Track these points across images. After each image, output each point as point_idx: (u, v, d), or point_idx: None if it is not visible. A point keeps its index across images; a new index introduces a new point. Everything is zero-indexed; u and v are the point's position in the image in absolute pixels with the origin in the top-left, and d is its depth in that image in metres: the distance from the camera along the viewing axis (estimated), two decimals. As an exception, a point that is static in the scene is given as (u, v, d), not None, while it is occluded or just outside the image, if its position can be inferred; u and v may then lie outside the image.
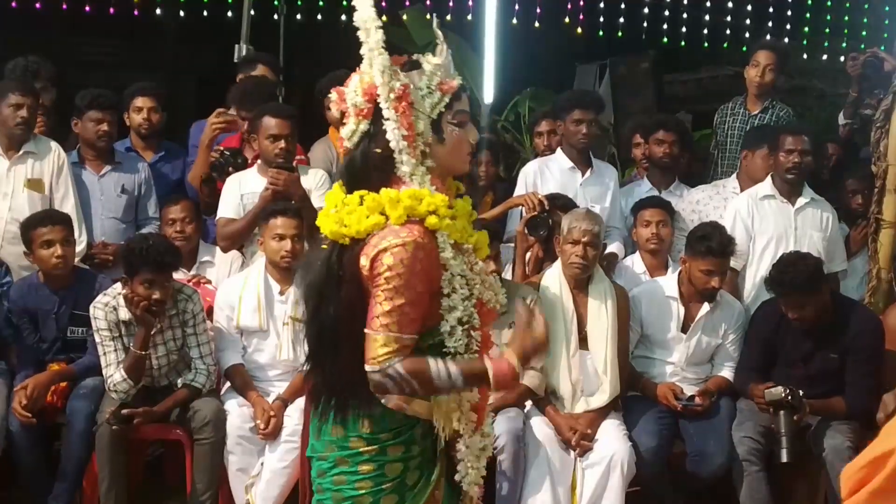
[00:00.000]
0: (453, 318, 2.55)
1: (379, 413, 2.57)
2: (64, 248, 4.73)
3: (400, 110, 2.51)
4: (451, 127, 2.60)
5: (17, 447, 4.58)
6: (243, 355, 4.82)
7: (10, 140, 5.12)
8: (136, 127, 5.73)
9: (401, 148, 2.53)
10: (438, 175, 2.62)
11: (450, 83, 2.60)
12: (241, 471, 4.60)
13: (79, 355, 4.79)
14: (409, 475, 2.60)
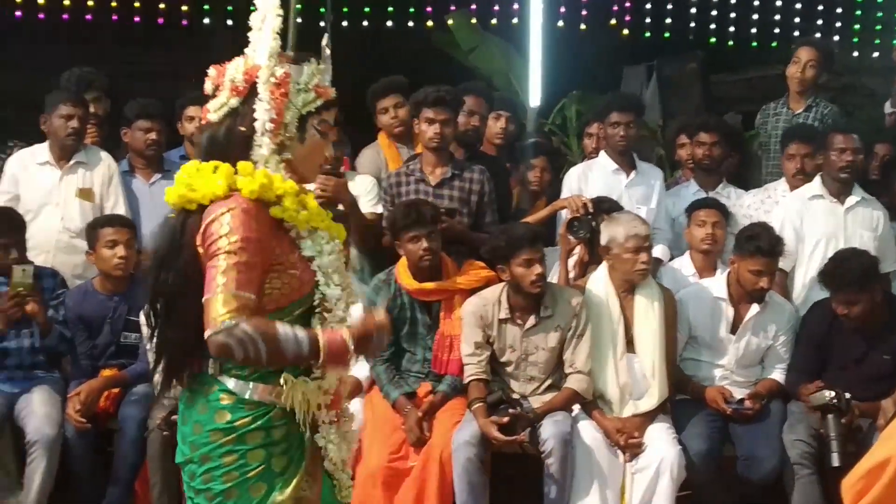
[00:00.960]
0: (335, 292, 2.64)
1: (230, 403, 2.54)
2: (127, 251, 4.82)
3: (275, 95, 2.56)
4: (314, 131, 2.67)
5: (72, 452, 4.66)
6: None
7: (62, 150, 5.22)
8: (189, 136, 5.80)
9: (265, 130, 2.57)
10: (294, 172, 2.64)
11: (326, 90, 2.67)
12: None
13: (132, 361, 4.87)
14: (274, 461, 2.56)
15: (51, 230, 5.17)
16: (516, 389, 4.71)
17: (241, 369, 2.55)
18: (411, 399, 4.69)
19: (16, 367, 4.85)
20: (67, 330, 4.86)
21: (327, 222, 2.70)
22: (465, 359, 4.65)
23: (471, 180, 5.08)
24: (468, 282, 4.80)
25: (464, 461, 4.42)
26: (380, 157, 5.62)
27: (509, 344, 4.68)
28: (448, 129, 5.03)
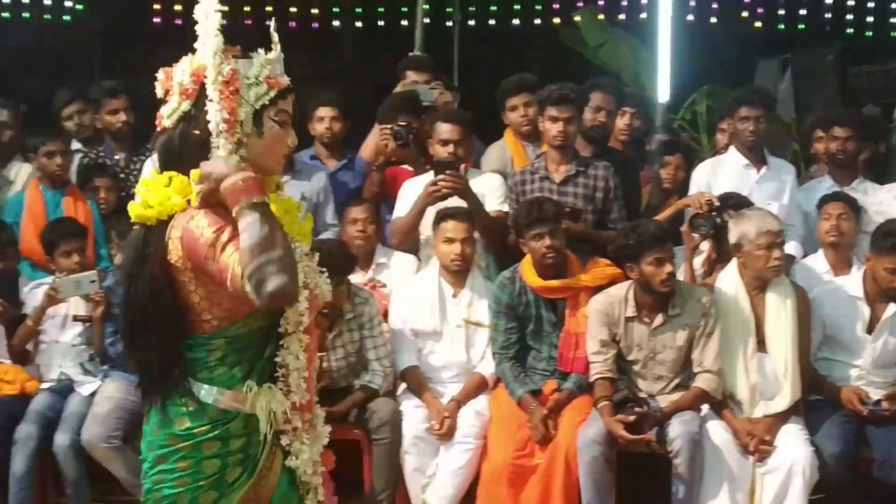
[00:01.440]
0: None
1: (192, 410, 2.50)
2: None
3: (225, 94, 2.48)
4: (272, 123, 2.56)
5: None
6: (418, 357, 4.93)
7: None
8: (319, 136, 5.89)
9: (219, 131, 2.49)
10: (254, 168, 2.52)
11: (278, 79, 2.57)
12: (417, 471, 4.69)
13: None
14: (228, 472, 2.52)
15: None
16: (643, 388, 4.65)
17: (210, 372, 2.52)
18: (536, 396, 4.68)
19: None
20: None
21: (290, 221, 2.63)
22: (591, 357, 4.63)
23: (595, 177, 5.05)
24: (593, 279, 4.76)
25: (589, 460, 4.40)
26: (505, 154, 5.62)
27: (636, 342, 4.63)
28: (571, 128, 5.00)
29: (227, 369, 2.52)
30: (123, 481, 4.75)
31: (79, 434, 4.70)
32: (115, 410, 4.72)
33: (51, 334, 5.03)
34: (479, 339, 4.91)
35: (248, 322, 2.50)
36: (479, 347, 4.91)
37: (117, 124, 5.85)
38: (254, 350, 2.54)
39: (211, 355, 2.52)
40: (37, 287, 5.05)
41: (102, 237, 5.46)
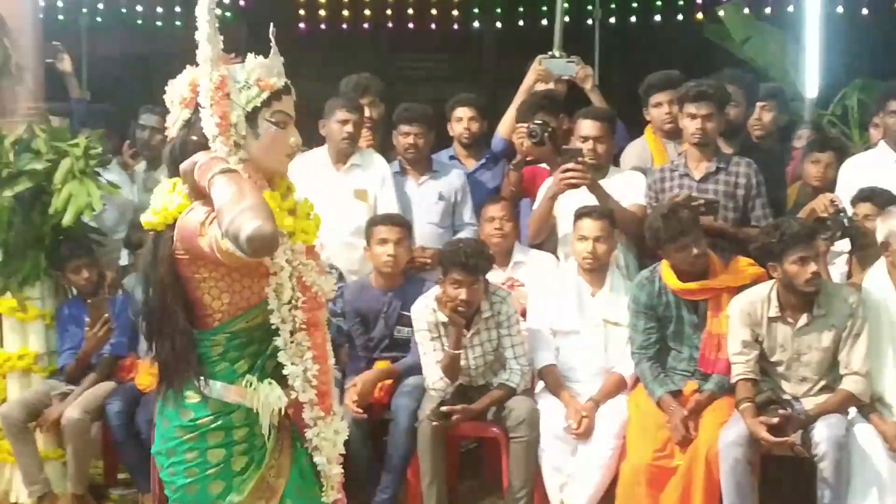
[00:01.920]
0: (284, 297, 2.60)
1: (196, 401, 2.61)
2: (395, 248, 5.00)
3: (215, 100, 2.57)
4: (268, 124, 2.64)
5: (349, 440, 4.84)
6: (556, 356, 4.92)
7: (338, 153, 5.48)
8: (458, 136, 5.95)
9: (213, 135, 2.58)
10: (255, 169, 2.60)
11: (269, 82, 2.65)
12: (555, 470, 4.68)
13: (404, 354, 5.05)
14: (234, 461, 2.63)
15: (330, 229, 5.40)
16: (787, 390, 4.53)
17: (212, 367, 2.63)
18: (676, 397, 4.62)
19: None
20: (345, 323, 5.10)
21: (305, 225, 2.71)
22: (733, 357, 4.53)
23: (737, 174, 4.94)
24: (735, 280, 4.65)
25: (731, 461, 4.31)
26: (645, 152, 5.57)
27: (780, 343, 4.52)
28: (710, 124, 4.90)
29: (229, 364, 2.64)
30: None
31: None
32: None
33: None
34: (617, 338, 4.86)
35: (247, 318, 2.62)
36: (617, 347, 4.86)
37: None
38: (255, 346, 2.65)
39: (213, 350, 2.64)
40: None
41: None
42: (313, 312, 2.70)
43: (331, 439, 2.74)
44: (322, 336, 2.76)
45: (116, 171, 5.76)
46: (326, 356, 2.77)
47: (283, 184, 2.73)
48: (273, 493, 2.68)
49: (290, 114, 2.70)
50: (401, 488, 4.89)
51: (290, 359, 2.64)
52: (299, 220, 2.72)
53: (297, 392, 2.65)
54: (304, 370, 2.66)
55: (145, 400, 5.02)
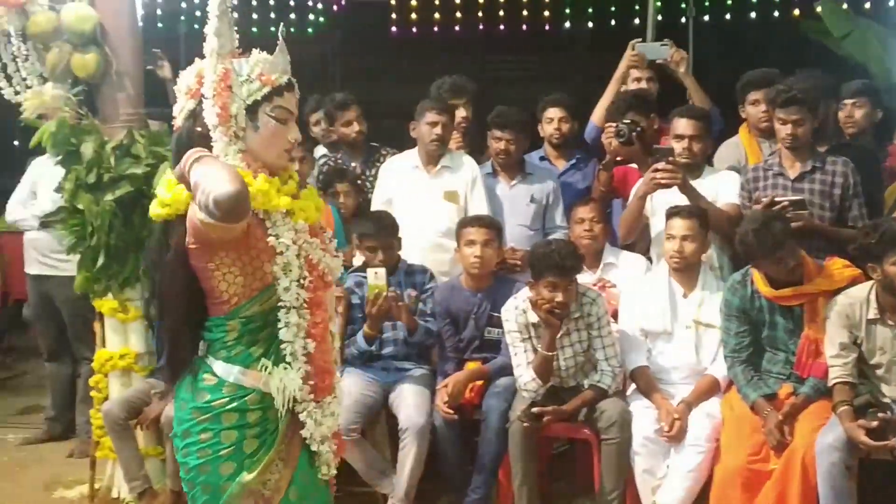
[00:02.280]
0: (293, 274, 2.71)
1: (212, 384, 2.71)
2: (483, 250, 5.02)
3: (218, 91, 2.66)
4: (268, 119, 2.74)
5: (441, 441, 4.90)
6: (648, 357, 4.88)
7: (429, 155, 5.52)
8: (548, 137, 5.94)
9: (214, 125, 2.67)
10: (253, 160, 2.71)
11: (271, 77, 2.74)
12: (647, 472, 4.64)
13: (494, 355, 5.06)
14: (246, 443, 2.71)
15: (420, 231, 5.47)
16: (887, 393, 4.41)
17: (228, 351, 2.73)
18: (771, 401, 4.54)
19: (390, 358, 5.16)
20: (435, 323, 5.14)
21: (303, 204, 2.80)
22: (830, 360, 4.43)
23: (833, 173, 4.84)
24: (830, 284, 4.53)
25: (828, 466, 4.22)
26: (739, 151, 5.50)
27: (879, 345, 4.41)
28: (801, 129, 4.80)
29: (245, 348, 2.74)
30: (362, 473, 4.92)
31: (320, 426, 4.88)
32: (353, 405, 4.89)
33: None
34: (709, 340, 4.80)
35: (260, 300, 2.71)
36: (709, 349, 4.81)
37: (352, 135, 6.07)
38: (268, 330, 2.74)
39: (228, 335, 2.74)
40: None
41: (343, 240, 5.68)
42: (317, 292, 2.80)
43: (317, 419, 2.80)
44: (323, 316, 2.84)
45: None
46: (327, 336, 2.86)
47: (284, 173, 2.84)
48: (282, 475, 2.77)
49: (290, 110, 2.80)
50: (492, 489, 4.90)
51: (292, 337, 2.74)
52: (299, 201, 2.81)
53: (297, 369, 2.75)
54: (302, 347, 2.76)
55: (240, 399, 5.09)
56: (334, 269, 2.89)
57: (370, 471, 4.92)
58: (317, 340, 2.80)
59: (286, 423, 2.77)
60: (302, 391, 2.76)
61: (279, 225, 2.73)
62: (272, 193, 2.71)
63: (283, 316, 2.73)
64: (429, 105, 5.52)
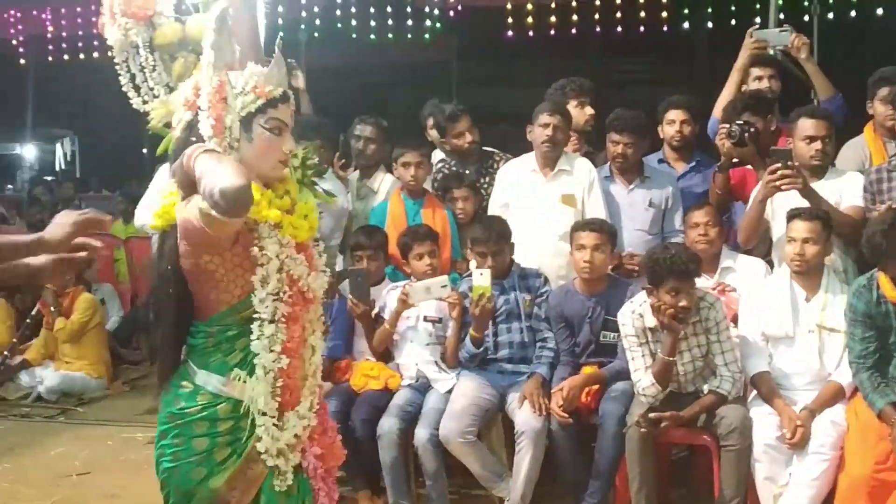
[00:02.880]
0: (269, 287, 2.77)
1: (188, 391, 2.80)
2: (592, 254, 4.99)
3: (213, 103, 2.74)
4: (263, 130, 2.79)
5: (557, 446, 4.89)
6: (769, 363, 4.78)
7: (545, 158, 5.52)
8: (669, 139, 5.87)
9: (209, 136, 2.74)
10: (248, 171, 2.68)
11: (265, 89, 2.80)
12: (768, 480, 4.55)
13: (610, 359, 5.03)
14: (217, 451, 2.79)
15: (537, 234, 5.47)
16: None
17: (206, 358, 2.81)
18: (899, 408, 4.41)
19: (506, 361, 5.17)
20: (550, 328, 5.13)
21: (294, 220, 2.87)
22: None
23: (963, 173, 4.68)
24: (962, 287, 4.39)
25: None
26: (863, 151, 5.35)
27: None
28: None
29: (222, 356, 2.82)
30: (478, 475, 4.95)
31: (436, 429, 4.91)
32: (469, 407, 4.93)
33: (405, 334, 5.31)
34: (833, 345, 4.68)
35: (239, 308, 2.79)
36: (833, 354, 4.68)
37: (464, 145, 6.07)
38: (244, 340, 2.81)
39: (207, 342, 2.83)
40: (393, 289, 5.33)
41: (458, 244, 5.72)
42: (296, 308, 2.87)
43: (273, 434, 2.84)
44: (300, 331, 2.90)
45: (332, 180, 5.97)
46: (303, 351, 2.93)
47: (281, 186, 2.90)
48: (250, 484, 2.84)
49: (285, 121, 2.86)
50: (609, 494, 4.87)
51: (262, 350, 2.79)
52: (290, 217, 2.87)
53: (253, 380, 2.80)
54: (270, 361, 2.80)
55: (360, 400, 5.18)
56: (316, 287, 2.96)
57: (486, 474, 4.94)
58: (290, 356, 2.86)
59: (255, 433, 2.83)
60: (268, 405, 2.83)
61: (264, 237, 2.80)
62: (263, 204, 2.79)
63: (257, 328, 2.80)
64: (543, 107, 5.52)
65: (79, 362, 8.11)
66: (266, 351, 2.80)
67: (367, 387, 5.23)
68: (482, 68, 11.27)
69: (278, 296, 2.81)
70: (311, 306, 2.97)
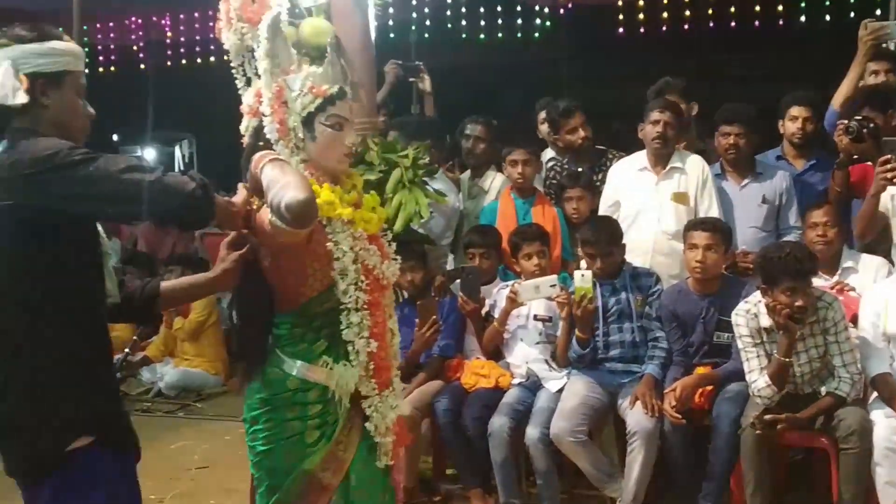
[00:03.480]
0: (348, 278, 2.91)
1: (278, 378, 2.94)
2: (705, 254, 4.92)
3: (274, 108, 2.91)
4: (324, 128, 2.96)
5: (670, 447, 4.84)
6: (891, 364, 4.65)
7: (656, 156, 5.46)
8: (790, 136, 5.74)
9: (275, 140, 2.92)
10: (316, 168, 2.97)
11: (321, 88, 2.96)
12: (889, 484, 4.41)
13: (724, 360, 4.95)
14: (307, 434, 2.94)
15: (648, 233, 5.43)
16: None
17: (293, 347, 2.95)
18: None
19: (617, 359, 5.14)
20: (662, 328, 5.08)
21: (364, 214, 3.02)
22: None
23: None
24: None
25: None
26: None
27: None
28: None
29: (308, 345, 2.96)
30: (589, 475, 4.93)
31: (547, 428, 4.90)
32: (580, 406, 4.91)
33: (515, 333, 5.31)
34: (960, 346, 4.53)
35: (320, 300, 2.94)
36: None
37: (577, 141, 6.04)
38: (329, 329, 2.96)
39: (293, 332, 2.97)
40: (503, 288, 5.34)
41: (569, 243, 5.69)
42: (374, 294, 3.01)
43: (382, 411, 3.02)
44: (382, 316, 3.07)
45: (443, 180, 6.02)
46: (386, 335, 3.09)
47: (348, 182, 3.08)
48: (340, 465, 3.00)
49: (345, 117, 3.02)
50: (723, 497, 4.79)
51: (354, 337, 2.95)
52: (360, 212, 3.03)
53: (358, 365, 2.96)
54: (364, 346, 2.96)
55: (471, 399, 5.21)
56: (388, 274, 3.10)
57: (597, 473, 4.92)
58: (377, 340, 3.01)
59: (346, 416, 2.99)
60: (367, 387, 3.00)
61: (339, 232, 2.94)
62: (336, 203, 2.94)
63: (345, 317, 2.95)
64: (653, 105, 5.47)
65: (197, 359, 8.34)
66: (358, 337, 2.97)
67: (478, 385, 5.25)
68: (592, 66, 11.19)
69: (358, 285, 2.96)
70: (387, 292, 3.14)
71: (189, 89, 13.13)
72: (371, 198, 3.16)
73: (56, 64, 2.70)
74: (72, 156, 2.52)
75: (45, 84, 2.70)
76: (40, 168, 2.51)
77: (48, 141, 2.60)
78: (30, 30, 2.73)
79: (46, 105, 2.70)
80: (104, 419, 2.76)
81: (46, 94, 2.70)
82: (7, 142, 2.67)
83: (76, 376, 2.69)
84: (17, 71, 2.67)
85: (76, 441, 2.67)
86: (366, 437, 3.05)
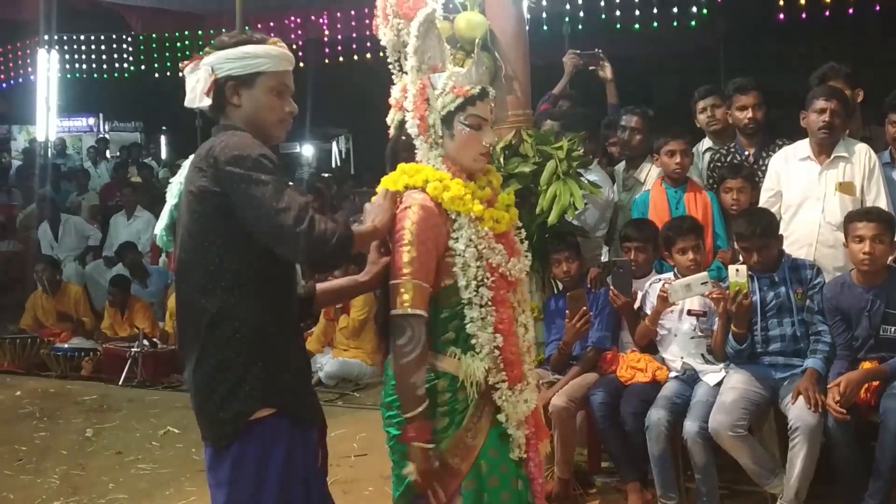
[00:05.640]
0: (469, 275, 3.01)
1: None
2: (872, 245, 4.74)
3: (417, 104, 3.04)
4: (462, 126, 3.07)
5: (834, 443, 4.70)
6: None
7: (819, 145, 5.29)
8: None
9: (416, 135, 3.07)
10: (452, 164, 3.09)
11: (463, 88, 3.06)
12: None
13: (891, 354, 4.77)
14: (437, 421, 3.03)
15: (812, 224, 5.28)
16: None
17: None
18: None
19: (778, 353, 5.02)
20: (825, 321, 4.94)
21: (496, 213, 3.12)
22: None
23: None
24: None
25: None
26: None
27: None
28: None
29: (436, 337, 3.06)
30: (749, 470, 4.84)
31: (706, 422, 4.82)
32: (739, 400, 4.82)
33: (670, 327, 5.25)
34: None
35: (447, 293, 3.05)
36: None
37: (745, 120, 5.88)
38: (456, 322, 3.06)
39: None
40: (656, 282, 5.28)
41: (724, 234, 5.59)
42: (500, 291, 3.10)
43: (513, 403, 3.10)
44: (509, 312, 3.14)
45: (597, 171, 5.98)
46: (516, 329, 3.16)
47: (483, 178, 3.19)
48: (469, 452, 3.08)
49: (483, 117, 3.11)
50: (890, 496, 4.63)
51: (477, 330, 3.04)
52: (492, 210, 3.13)
53: (484, 359, 3.03)
54: (488, 340, 3.05)
55: (629, 392, 5.19)
56: (516, 272, 3.16)
57: (758, 469, 4.82)
58: (504, 335, 3.09)
59: (475, 404, 3.08)
60: (496, 378, 3.08)
61: (463, 228, 3.04)
62: (467, 199, 3.03)
63: (468, 311, 3.04)
64: (817, 92, 5.30)
65: (355, 350, 8.53)
66: (481, 331, 3.05)
67: (635, 379, 5.22)
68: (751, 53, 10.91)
69: (482, 282, 3.05)
70: (517, 288, 3.21)
71: (346, 86, 13.44)
72: (507, 196, 3.26)
73: (247, 67, 2.95)
74: (253, 169, 2.77)
75: (237, 86, 2.97)
76: (231, 165, 2.79)
77: (241, 139, 2.86)
78: (231, 36, 3.02)
79: (238, 105, 2.98)
80: (287, 393, 2.96)
81: (238, 95, 2.97)
82: (214, 137, 2.94)
83: (266, 352, 2.91)
84: (212, 75, 2.95)
85: (259, 412, 2.89)
86: (496, 425, 3.13)
